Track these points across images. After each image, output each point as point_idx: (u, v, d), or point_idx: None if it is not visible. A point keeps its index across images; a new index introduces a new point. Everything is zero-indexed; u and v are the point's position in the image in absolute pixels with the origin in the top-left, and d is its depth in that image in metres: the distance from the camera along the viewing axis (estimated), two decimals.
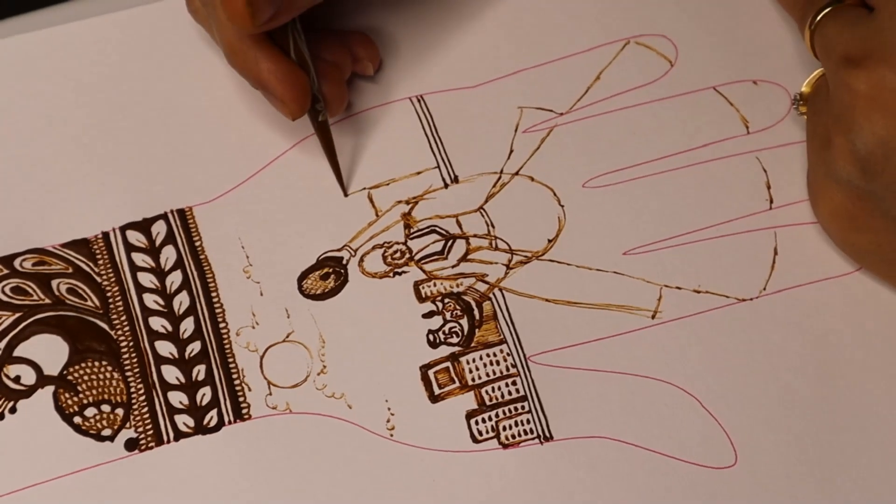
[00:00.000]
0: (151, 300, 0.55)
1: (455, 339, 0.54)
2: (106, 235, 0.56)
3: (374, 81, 0.59)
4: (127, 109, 0.58)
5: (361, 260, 0.55)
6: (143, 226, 0.56)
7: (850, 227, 0.53)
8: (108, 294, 0.55)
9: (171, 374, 0.53)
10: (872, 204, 0.51)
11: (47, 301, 0.54)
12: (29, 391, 0.53)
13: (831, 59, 0.51)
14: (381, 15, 0.60)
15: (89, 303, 0.54)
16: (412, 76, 0.59)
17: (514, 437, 0.52)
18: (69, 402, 0.53)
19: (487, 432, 0.52)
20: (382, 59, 0.59)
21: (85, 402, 0.53)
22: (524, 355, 0.53)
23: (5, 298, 0.54)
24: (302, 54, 0.54)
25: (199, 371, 0.53)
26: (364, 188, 0.57)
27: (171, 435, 0.52)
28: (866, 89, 0.49)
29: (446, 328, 0.54)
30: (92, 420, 0.52)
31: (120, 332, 0.54)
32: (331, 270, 0.55)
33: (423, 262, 0.55)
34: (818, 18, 0.52)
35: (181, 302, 0.54)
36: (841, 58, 0.50)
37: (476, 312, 0.54)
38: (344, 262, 0.55)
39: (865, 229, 0.52)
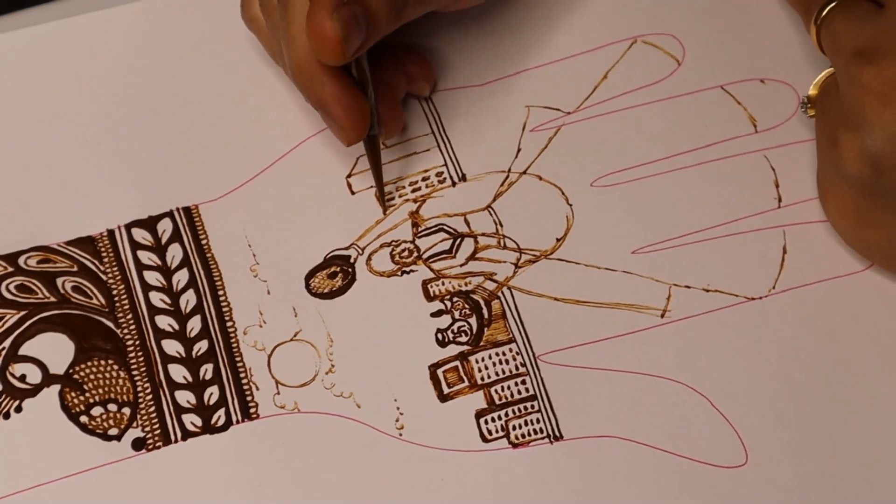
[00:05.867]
0: (158, 298, 0.54)
1: (464, 338, 0.53)
2: (111, 233, 0.55)
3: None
4: (132, 106, 0.58)
5: (369, 258, 0.55)
6: (149, 223, 0.55)
7: (859, 223, 0.52)
8: (114, 292, 0.54)
9: (179, 372, 0.53)
10: (882, 200, 0.51)
11: (52, 299, 0.54)
12: (35, 390, 0.52)
13: (841, 56, 0.50)
14: None
15: (95, 301, 0.54)
16: None
17: (523, 436, 0.52)
18: (75, 401, 0.52)
19: (497, 432, 0.52)
20: None
21: (91, 401, 0.52)
22: (533, 354, 0.53)
23: (10, 296, 0.54)
24: (364, 74, 0.53)
25: (207, 370, 0.53)
26: (371, 186, 0.56)
27: (179, 434, 0.52)
28: (878, 86, 0.48)
29: (455, 327, 0.54)
30: (98, 419, 0.52)
31: (126, 331, 0.53)
32: (338, 269, 0.55)
33: (431, 260, 0.55)
34: (824, 13, 0.51)
35: (188, 300, 0.54)
36: (851, 54, 0.50)
37: (485, 311, 0.54)
38: (351, 260, 0.55)
39: (875, 225, 0.52)
